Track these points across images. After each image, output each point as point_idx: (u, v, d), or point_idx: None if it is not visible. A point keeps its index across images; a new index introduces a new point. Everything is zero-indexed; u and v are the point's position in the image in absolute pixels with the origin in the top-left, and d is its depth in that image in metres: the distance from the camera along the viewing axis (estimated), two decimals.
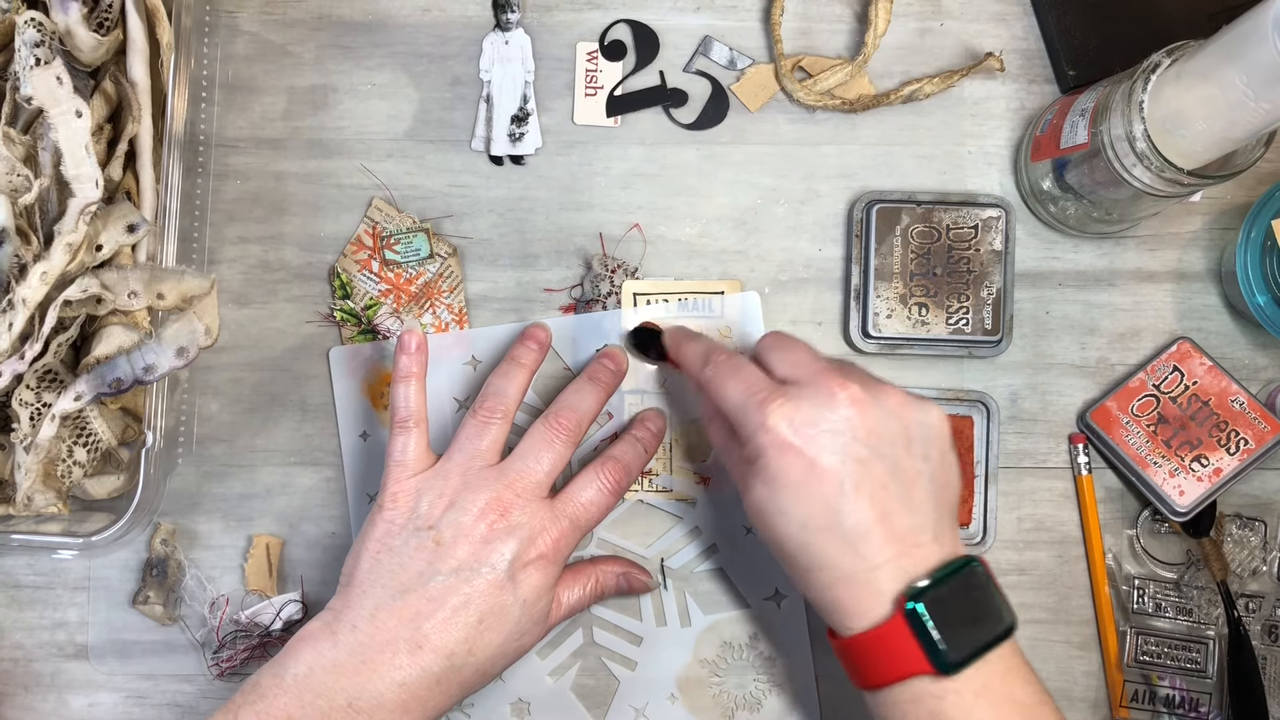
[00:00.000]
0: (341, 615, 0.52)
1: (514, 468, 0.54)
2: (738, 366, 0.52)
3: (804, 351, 0.52)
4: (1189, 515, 0.63)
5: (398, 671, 0.50)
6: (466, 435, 0.56)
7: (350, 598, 0.52)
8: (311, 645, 0.51)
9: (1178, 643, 0.65)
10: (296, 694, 0.49)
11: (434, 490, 0.54)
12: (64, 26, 0.57)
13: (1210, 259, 0.67)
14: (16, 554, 0.65)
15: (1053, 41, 0.67)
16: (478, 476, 0.54)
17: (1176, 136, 0.54)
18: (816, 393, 0.48)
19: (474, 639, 0.51)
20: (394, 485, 0.55)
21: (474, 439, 0.55)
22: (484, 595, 0.52)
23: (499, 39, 0.67)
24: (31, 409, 0.56)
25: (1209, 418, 0.64)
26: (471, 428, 0.56)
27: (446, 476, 0.54)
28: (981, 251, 0.65)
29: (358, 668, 0.50)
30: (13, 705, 0.64)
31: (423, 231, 0.66)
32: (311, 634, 0.52)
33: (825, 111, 0.67)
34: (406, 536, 0.53)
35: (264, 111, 0.67)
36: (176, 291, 0.58)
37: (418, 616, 0.51)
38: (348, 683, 0.49)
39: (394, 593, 0.52)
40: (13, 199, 0.56)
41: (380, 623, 0.51)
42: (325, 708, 0.49)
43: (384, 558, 0.53)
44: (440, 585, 0.52)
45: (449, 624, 0.51)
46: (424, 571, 0.52)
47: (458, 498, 0.53)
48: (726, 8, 0.68)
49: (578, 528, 0.55)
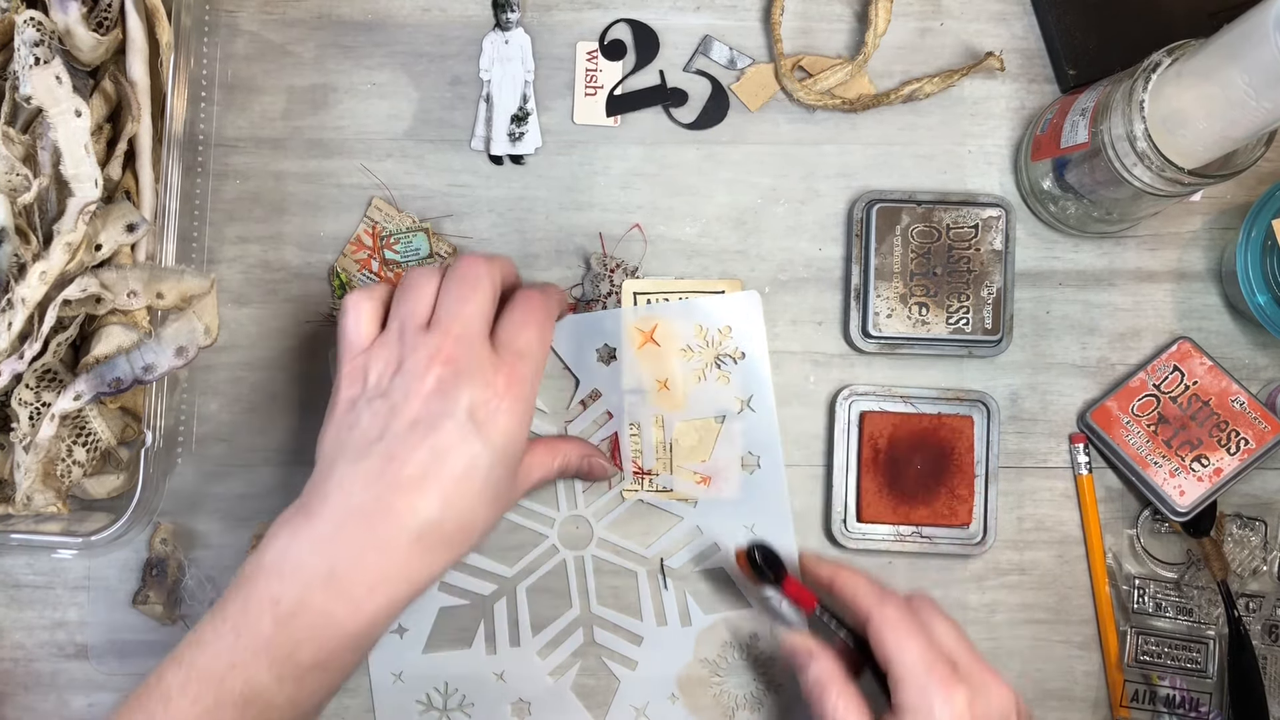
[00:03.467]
0: (310, 492, 0.51)
1: (445, 319, 0.53)
2: (917, 627, 0.53)
3: (961, 634, 0.54)
4: (1189, 515, 0.63)
5: (371, 534, 0.49)
6: (401, 300, 0.55)
7: (318, 476, 0.52)
8: (286, 526, 0.51)
9: (1178, 643, 0.65)
10: (277, 573, 0.49)
11: (380, 359, 0.53)
12: (63, 26, 0.57)
13: (1210, 259, 0.67)
14: (16, 554, 0.65)
15: (1053, 41, 0.67)
16: (416, 336, 0.53)
17: (1177, 136, 0.53)
18: (985, 687, 0.52)
19: (448, 491, 0.50)
20: (346, 365, 0.54)
21: (409, 303, 0.54)
22: (449, 446, 0.51)
23: (499, 38, 0.67)
24: (31, 408, 0.56)
25: (1209, 418, 0.64)
26: (406, 293, 0.55)
27: (388, 344, 0.53)
28: (982, 251, 0.65)
29: (332, 536, 0.49)
30: (13, 705, 0.64)
31: (422, 231, 0.66)
32: (285, 517, 0.51)
33: (825, 111, 0.67)
34: (362, 408, 0.52)
35: (264, 111, 0.67)
36: (176, 291, 0.58)
37: (382, 476, 0.50)
38: (325, 553, 0.49)
39: (356, 459, 0.51)
40: (12, 198, 0.56)
41: (347, 489, 0.50)
42: (307, 579, 0.48)
43: (344, 433, 0.52)
44: (399, 442, 0.50)
45: (418, 481, 0.50)
46: (382, 432, 0.51)
47: (403, 361, 0.52)
48: (726, 7, 0.68)
49: (524, 359, 0.53)
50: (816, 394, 0.66)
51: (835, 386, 0.66)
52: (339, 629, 0.48)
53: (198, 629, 0.49)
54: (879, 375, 0.66)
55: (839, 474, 0.65)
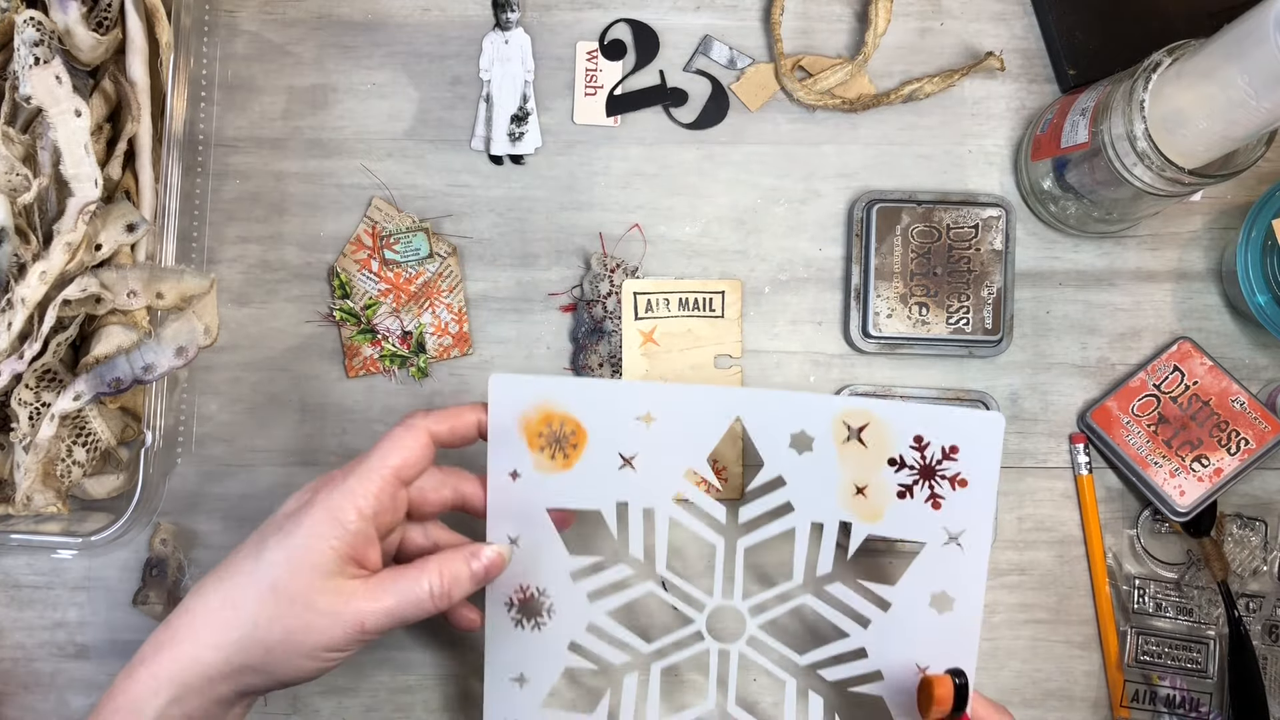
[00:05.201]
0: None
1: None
2: None
3: None
4: (1189, 515, 0.63)
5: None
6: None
7: None
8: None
9: (1178, 643, 0.65)
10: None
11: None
12: (63, 26, 0.57)
13: (1211, 259, 0.67)
14: (16, 554, 0.65)
15: (1053, 41, 0.67)
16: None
17: (1177, 136, 0.53)
18: None
19: (222, 574, 0.50)
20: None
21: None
22: (253, 534, 0.51)
23: (499, 38, 0.67)
24: (31, 408, 0.56)
25: (1209, 418, 0.64)
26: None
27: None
28: (982, 251, 0.65)
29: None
30: (13, 705, 0.64)
31: (422, 231, 0.65)
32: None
33: (825, 111, 0.67)
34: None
35: (264, 111, 0.67)
36: (176, 291, 0.58)
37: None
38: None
39: None
40: (12, 198, 0.56)
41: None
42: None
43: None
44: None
45: (220, 564, 0.51)
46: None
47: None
48: (726, 7, 0.68)
49: (345, 470, 0.50)
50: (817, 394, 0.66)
51: (835, 386, 0.66)
52: (114, 701, 0.48)
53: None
54: (879, 375, 0.66)
55: None
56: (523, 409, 0.53)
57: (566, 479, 0.54)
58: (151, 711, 0.47)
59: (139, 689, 0.48)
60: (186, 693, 0.48)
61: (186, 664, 0.48)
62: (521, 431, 0.54)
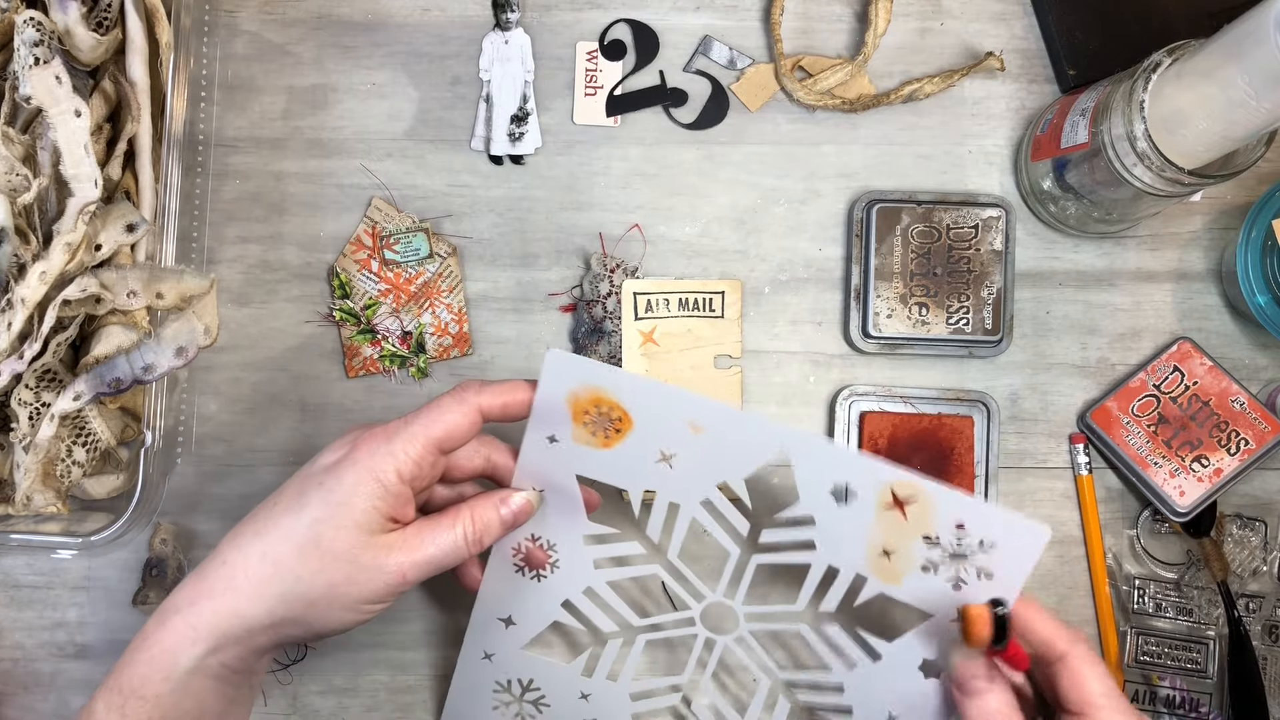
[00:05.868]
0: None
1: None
2: (1106, 669, 0.50)
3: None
4: (1189, 515, 0.63)
5: (202, 564, 0.50)
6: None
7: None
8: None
9: (1178, 643, 0.65)
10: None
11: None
12: (63, 26, 0.57)
13: (1210, 259, 0.67)
14: (16, 554, 0.65)
15: (1053, 41, 0.67)
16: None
17: (1177, 136, 0.53)
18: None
19: (266, 528, 0.49)
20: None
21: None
22: (289, 485, 0.51)
23: (499, 38, 0.67)
24: (30, 408, 0.56)
25: (1209, 418, 0.64)
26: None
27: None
28: (982, 251, 0.65)
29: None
30: (13, 705, 0.64)
31: (422, 231, 0.65)
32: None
33: (825, 111, 0.67)
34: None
35: (264, 111, 0.67)
36: (176, 291, 0.58)
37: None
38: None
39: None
40: (12, 198, 0.56)
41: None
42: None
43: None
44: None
45: (252, 515, 0.51)
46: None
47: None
48: (726, 7, 0.68)
49: (386, 432, 0.50)
50: (816, 394, 0.66)
51: (835, 387, 0.66)
52: (146, 651, 0.49)
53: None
54: (879, 375, 0.66)
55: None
56: (573, 386, 0.53)
57: (603, 456, 0.54)
58: (188, 660, 0.48)
59: (174, 638, 0.48)
60: (226, 643, 0.48)
61: (227, 616, 0.48)
62: (569, 406, 0.53)
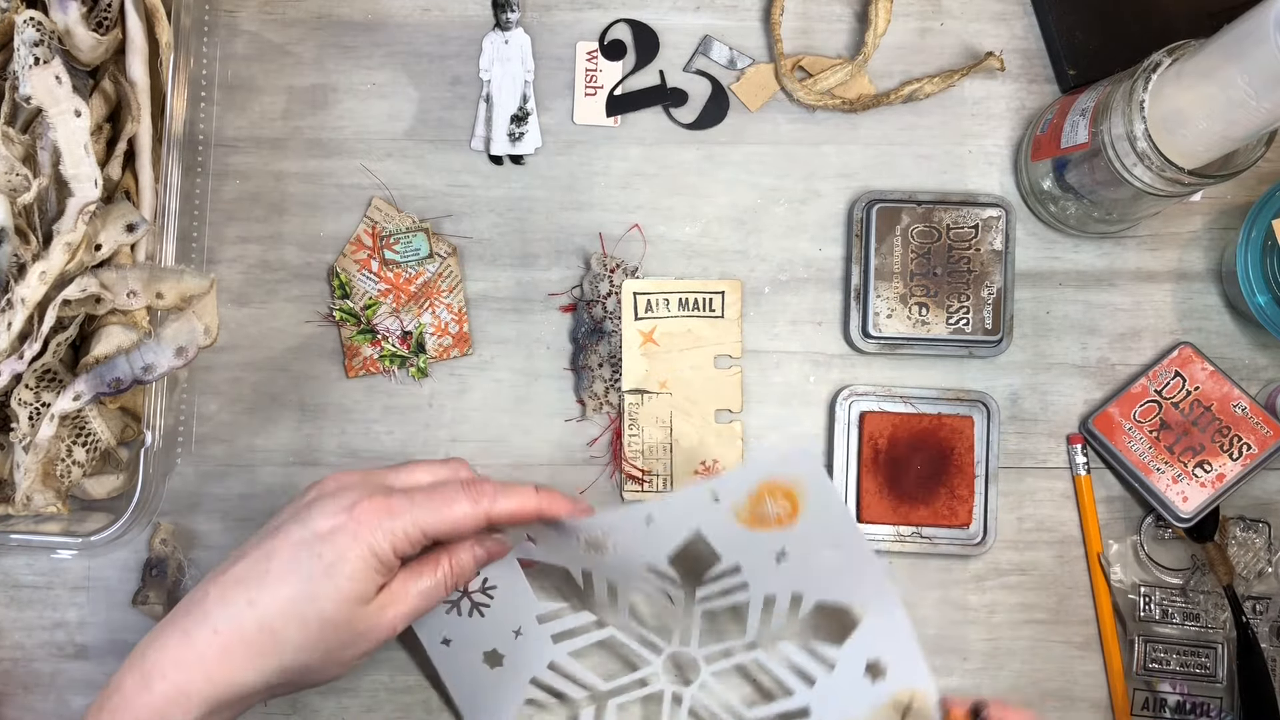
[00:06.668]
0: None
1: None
2: None
3: None
4: (1192, 521, 0.63)
5: (182, 620, 0.50)
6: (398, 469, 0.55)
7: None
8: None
9: (1186, 648, 0.64)
10: (130, 655, 0.50)
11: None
12: (63, 26, 0.57)
13: (1211, 259, 0.67)
14: (16, 554, 0.65)
15: (1053, 41, 0.67)
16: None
17: (1177, 136, 0.53)
18: None
19: (258, 595, 0.49)
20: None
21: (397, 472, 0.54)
22: (279, 551, 0.50)
23: (499, 38, 0.67)
24: (30, 408, 0.56)
25: (1211, 423, 0.64)
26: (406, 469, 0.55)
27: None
28: (982, 251, 0.65)
29: (163, 622, 0.51)
30: (13, 705, 0.64)
31: (422, 231, 0.65)
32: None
33: (825, 111, 0.67)
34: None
35: (264, 111, 0.67)
36: (175, 291, 0.58)
37: (219, 570, 0.51)
38: (151, 636, 0.50)
39: (225, 560, 0.52)
40: (12, 198, 0.56)
41: (200, 583, 0.51)
42: (131, 660, 0.50)
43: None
44: (250, 544, 0.51)
45: (238, 579, 0.50)
46: (254, 537, 0.52)
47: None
48: (726, 7, 0.68)
49: (389, 507, 0.51)
50: (816, 394, 0.66)
51: (835, 387, 0.66)
52: (132, 710, 0.48)
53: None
54: (879, 375, 0.66)
55: (839, 474, 0.65)
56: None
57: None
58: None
59: (163, 703, 0.48)
60: (219, 708, 0.49)
61: (223, 686, 0.49)
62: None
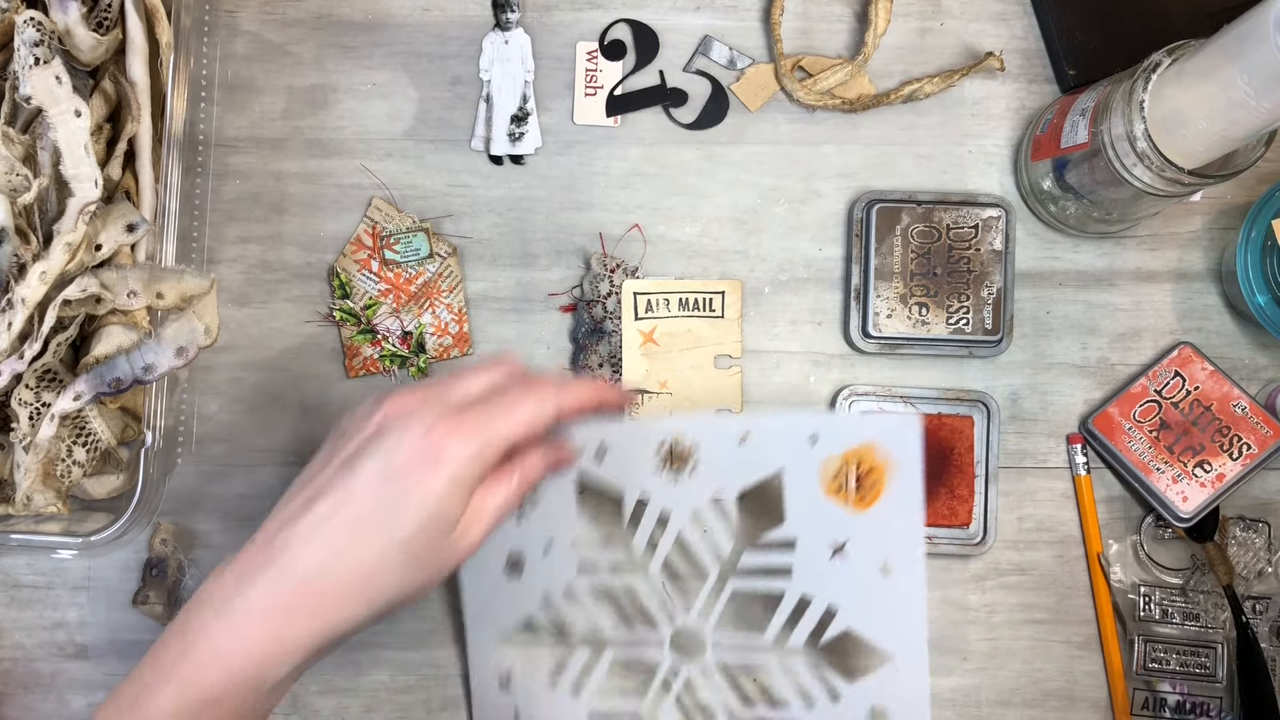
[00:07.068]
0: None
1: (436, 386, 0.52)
2: None
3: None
4: (1192, 521, 0.63)
5: (267, 569, 0.49)
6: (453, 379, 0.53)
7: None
8: (227, 561, 0.51)
9: (1186, 648, 0.64)
10: (195, 603, 0.49)
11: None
12: (63, 26, 0.57)
13: (1210, 259, 0.67)
14: (16, 554, 0.65)
15: (1053, 41, 0.67)
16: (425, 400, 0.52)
17: (1177, 136, 0.53)
18: None
19: (341, 541, 0.48)
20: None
21: (453, 385, 0.52)
22: (358, 493, 0.49)
23: (499, 38, 0.67)
24: (31, 408, 0.56)
25: (1211, 423, 0.64)
26: (461, 378, 0.53)
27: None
28: (982, 251, 0.65)
29: (241, 570, 0.49)
30: (13, 705, 0.64)
31: (422, 231, 0.66)
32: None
33: (825, 111, 0.67)
34: (323, 447, 0.53)
35: (264, 111, 0.67)
36: (176, 291, 0.58)
37: (289, 515, 0.49)
38: (233, 585, 0.49)
39: (286, 496, 0.51)
40: (12, 198, 0.56)
41: (267, 525, 0.50)
42: (214, 609, 0.49)
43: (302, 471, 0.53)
44: (319, 481, 0.50)
45: (315, 525, 0.49)
46: (315, 472, 0.51)
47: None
48: (726, 7, 0.68)
49: (483, 423, 0.50)
50: (817, 394, 0.66)
51: (835, 386, 0.66)
52: (229, 664, 0.48)
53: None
54: (879, 375, 0.66)
55: None
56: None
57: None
58: (275, 676, 0.48)
59: (263, 651, 0.48)
60: (316, 652, 0.49)
61: (321, 634, 0.48)
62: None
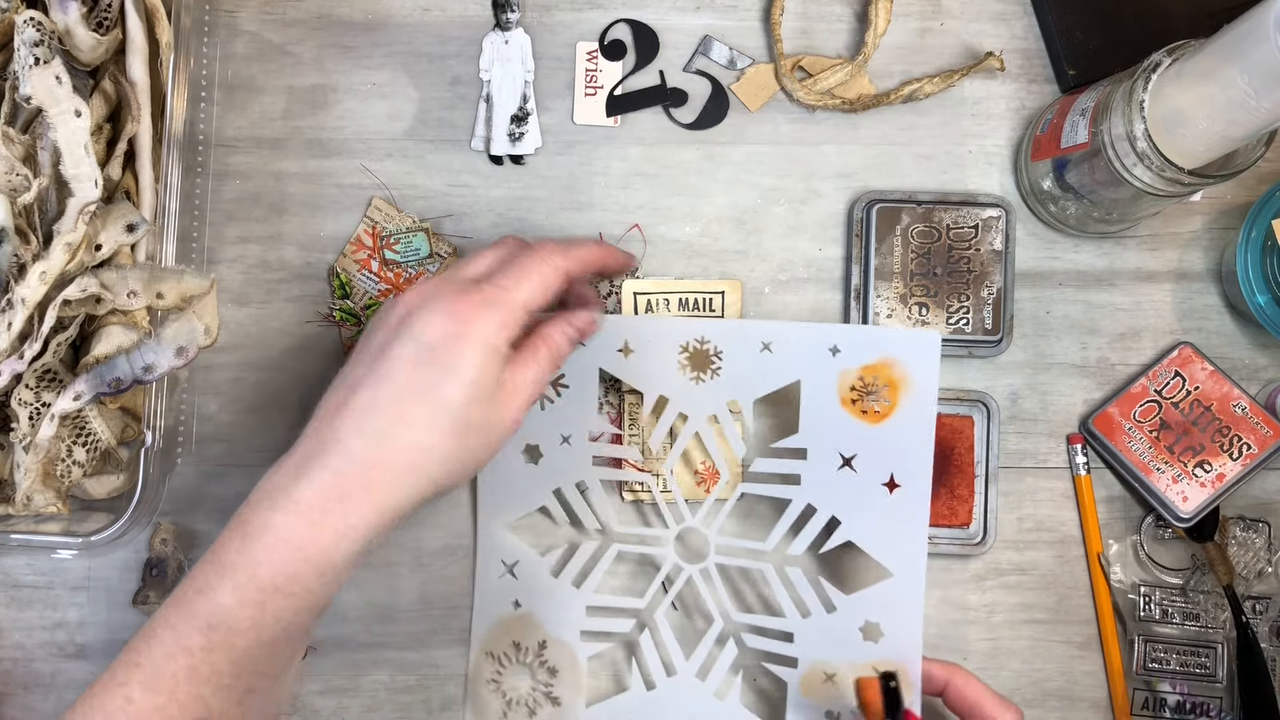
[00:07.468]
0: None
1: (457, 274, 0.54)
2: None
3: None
4: (1192, 521, 0.63)
5: (324, 458, 0.50)
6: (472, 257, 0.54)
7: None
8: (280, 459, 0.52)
9: (1186, 648, 0.64)
10: (251, 500, 0.50)
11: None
12: (63, 26, 0.57)
13: (1210, 259, 0.67)
14: (16, 554, 0.65)
15: (1053, 41, 0.67)
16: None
17: (1177, 136, 0.53)
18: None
19: (392, 421, 0.49)
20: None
21: (472, 262, 0.54)
22: (399, 373, 0.50)
23: (499, 38, 0.67)
24: (31, 408, 0.56)
25: (1211, 423, 0.64)
26: (477, 257, 0.54)
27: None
28: (982, 251, 0.65)
29: (298, 461, 0.50)
30: (13, 705, 0.64)
31: (422, 231, 0.66)
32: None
33: (825, 111, 0.67)
34: (360, 342, 0.54)
35: (264, 111, 0.67)
36: (176, 291, 0.58)
37: (339, 403, 0.50)
38: (289, 475, 0.50)
39: (330, 391, 0.52)
40: (12, 198, 0.56)
41: (315, 417, 0.51)
42: (272, 501, 0.49)
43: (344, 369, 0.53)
44: (362, 372, 0.51)
45: (366, 409, 0.50)
46: (354, 363, 0.52)
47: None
48: (726, 7, 0.68)
49: (486, 297, 0.51)
50: None
51: None
52: (291, 553, 0.48)
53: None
54: None
55: None
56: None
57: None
58: (344, 558, 0.48)
59: (329, 536, 0.48)
60: (377, 534, 0.49)
61: (386, 511, 0.49)
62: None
